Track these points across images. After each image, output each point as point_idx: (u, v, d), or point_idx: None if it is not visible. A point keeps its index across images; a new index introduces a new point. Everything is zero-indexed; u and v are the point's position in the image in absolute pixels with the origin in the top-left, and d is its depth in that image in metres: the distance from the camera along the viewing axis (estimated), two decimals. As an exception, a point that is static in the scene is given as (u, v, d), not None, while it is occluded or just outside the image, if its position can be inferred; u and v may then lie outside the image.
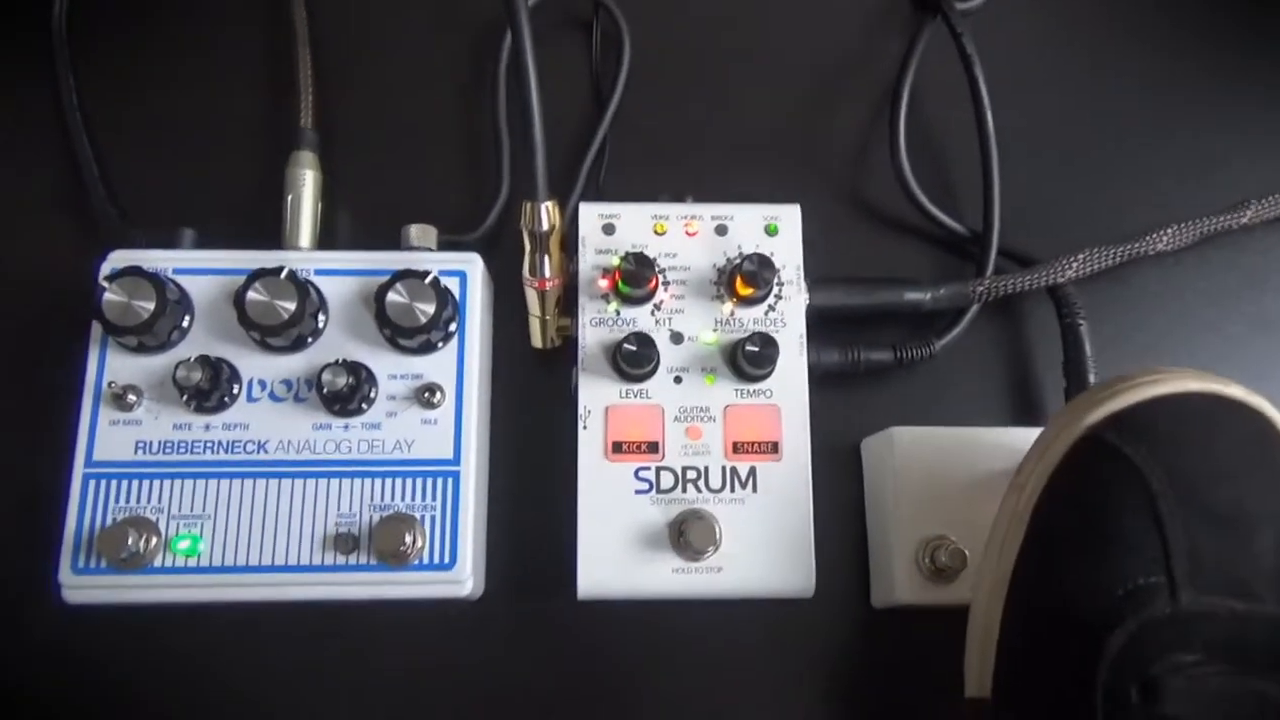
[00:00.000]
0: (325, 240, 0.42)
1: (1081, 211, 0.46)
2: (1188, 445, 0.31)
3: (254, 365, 0.37)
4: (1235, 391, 0.32)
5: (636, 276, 0.37)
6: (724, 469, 0.37)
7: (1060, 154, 0.47)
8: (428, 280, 0.37)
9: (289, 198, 0.41)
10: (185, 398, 0.36)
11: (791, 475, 0.37)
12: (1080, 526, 0.32)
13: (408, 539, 0.35)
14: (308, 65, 0.44)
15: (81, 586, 0.35)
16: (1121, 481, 0.31)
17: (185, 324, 0.38)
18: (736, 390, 0.38)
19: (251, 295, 0.36)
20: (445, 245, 0.41)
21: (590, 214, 0.40)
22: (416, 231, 0.40)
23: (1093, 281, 0.43)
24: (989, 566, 0.34)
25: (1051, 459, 0.33)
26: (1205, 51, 0.49)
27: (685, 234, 0.39)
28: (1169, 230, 0.43)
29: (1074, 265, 0.42)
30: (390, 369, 0.38)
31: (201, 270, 0.38)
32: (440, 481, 0.37)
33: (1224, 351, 0.45)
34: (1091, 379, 0.41)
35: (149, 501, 0.36)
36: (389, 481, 0.37)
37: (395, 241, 0.40)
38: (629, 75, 0.46)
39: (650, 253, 0.39)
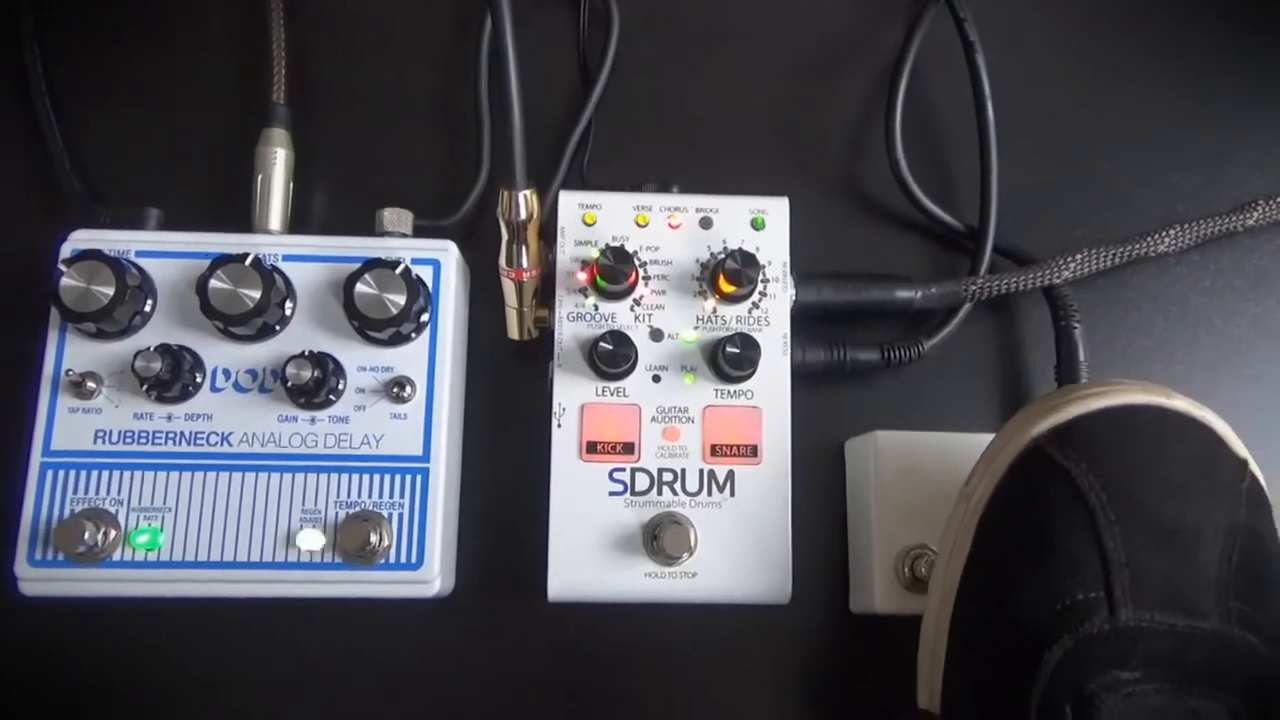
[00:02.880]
0: (297, 222, 0.41)
1: (1082, 208, 0.44)
2: (1129, 459, 0.31)
3: (218, 354, 0.36)
4: (1180, 404, 0.32)
5: (614, 272, 0.36)
6: (701, 472, 0.36)
7: (1062, 148, 0.45)
8: (398, 270, 0.35)
9: (259, 177, 0.40)
10: (145, 388, 0.35)
11: (771, 480, 0.36)
12: (1021, 540, 0.31)
13: (373, 538, 0.34)
14: (281, 36, 0.42)
15: (38, 579, 0.34)
16: (1061, 496, 0.31)
17: (147, 309, 0.36)
18: (716, 390, 0.37)
19: (214, 283, 0.35)
20: (421, 230, 0.39)
21: (570, 203, 0.38)
22: (391, 216, 0.39)
23: (1092, 280, 0.42)
24: (938, 576, 0.33)
25: (997, 470, 0.32)
26: (1215, 47, 0.47)
27: (668, 226, 0.38)
28: (1172, 231, 0.41)
29: (1071, 266, 0.40)
30: (359, 361, 0.36)
31: (165, 253, 0.37)
32: (409, 478, 0.36)
33: (1226, 354, 0.44)
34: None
35: (108, 493, 0.35)
36: (356, 477, 0.36)
37: (370, 224, 0.39)
38: (616, 55, 0.44)
39: (631, 245, 0.38)
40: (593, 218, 0.38)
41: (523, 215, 0.35)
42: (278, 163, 0.40)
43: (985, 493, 0.33)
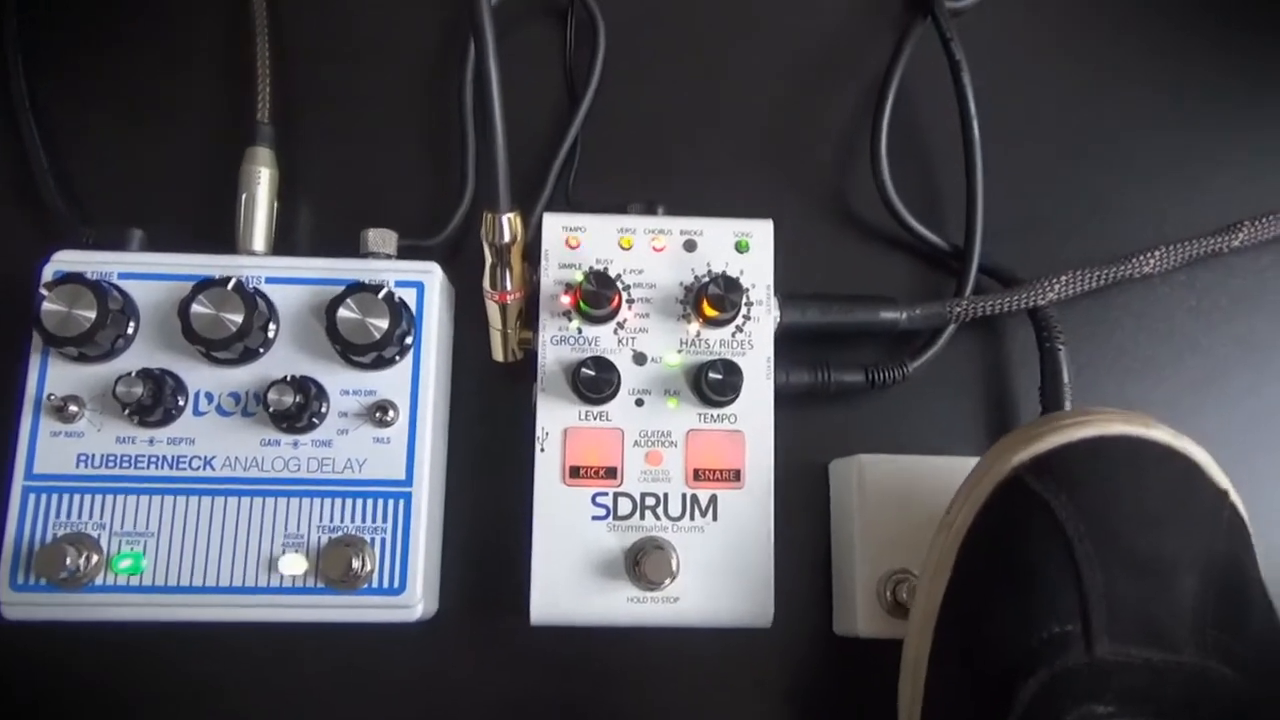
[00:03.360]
0: (282, 241, 0.41)
1: (1069, 227, 0.44)
2: (1108, 490, 0.31)
3: (201, 377, 0.36)
4: (1159, 435, 0.32)
5: (597, 297, 0.36)
6: (684, 496, 0.36)
7: (1050, 167, 0.45)
8: (381, 295, 0.35)
9: (243, 196, 0.40)
10: (128, 412, 0.35)
11: (753, 504, 0.36)
12: (1000, 571, 0.31)
13: (355, 563, 0.34)
14: (265, 54, 0.42)
15: (20, 604, 0.34)
16: (1040, 527, 0.31)
17: (130, 331, 0.36)
18: (700, 415, 0.37)
19: (196, 308, 0.35)
20: (406, 250, 0.39)
21: (554, 225, 0.38)
22: (375, 236, 0.39)
23: (1077, 300, 0.42)
24: (919, 603, 0.34)
25: (978, 498, 0.32)
26: (1203, 68, 0.47)
27: (652, 249, 0.38)
28: (1157, 252, 0.41)
29: (1056, 287, 0.40)
30: (343, 384, 0.36)
31: (148, 275, 0.37)
32: (391, 503, 0.36)
33: (1211, 374, 0.44)
34: (1068, 405, 0.40)
35: (91, 517, 0.35)
36: (339, 502, 0.36)
37: (355, 243, 0.39)
38: (603, 73, 0.43)
39: (615, 268, 0.38)
40: (576, 240, 0.38)
41: (506, 238, 0.35)
42: (262, 182, 0.40)
43: (965, 521, 0.33)
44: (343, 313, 0.35)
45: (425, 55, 0.45)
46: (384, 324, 0.35)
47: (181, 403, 0.36)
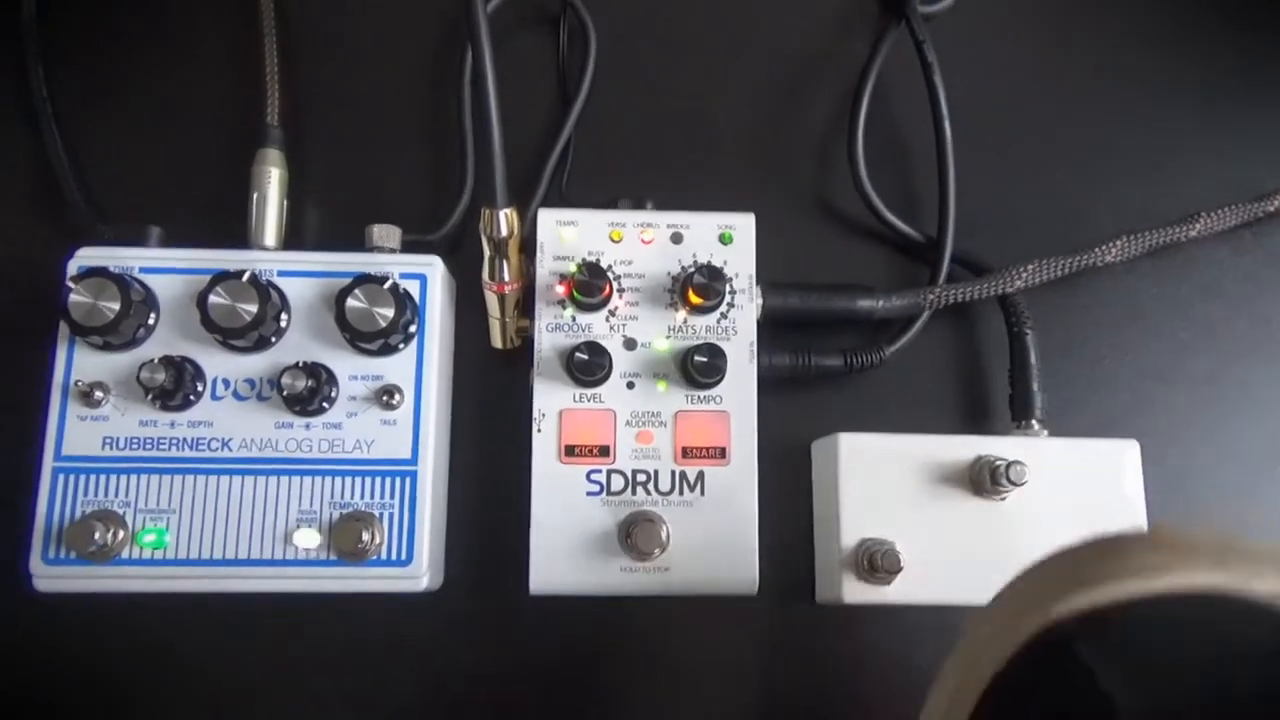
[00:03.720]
0: (292, 236, 0.43)
1: (1040, 217, 0.47)
2: (1183, 676, 0.23)
3: (218, 364, 0.38)
4: (1263, 588, 0.23)
5: (589, 286, 0.38)
6: (673, 473, 0.39)
7: (1021, 161, 0.47)
8: (386, 286, 0.38)
9: (254, 196, 0.42)
10: (150, 397, 0.37)
11: (738, 480, 0.39)
12: None
13: (365, 536, 0.37)
14: (274, 60, 0.44)
15: (52, 576, 0.37)
16: (1083, 713, 0.24)
17: (151, 322, 0.38)
18: (687, 396, 0.39)
19: (213, 299, 0.37)
20: (409, 245, 0.42)
21: (549, 220, 0.40)
22: (379, 231, 0.41)
23: (1045, 288, 0.44)
24: (937, 710, 0.27)
25: (1005, 643, 0.25)
26: (1165, 66, 0.49)
27: (640, 241, 0.40)
28: (1118, 242, 0.44)
29: (1023, 275, 0.43)
30: (351, 370, 0.39)
31: (167, 270, 0.39)
32: (398, 481, 0.38)
33: (1175, 358, 0.46)
34: (1035, 388, 0.42)
35: (117, 496, 0.37)
36: (349, 480, 0.38)
37: (361, 238, 0.41)
38: (594, 77, 0.46)
39: (606, 260, 0.40)
40: (569, 235, 0.40)
41: (503, 233, 0.37)
42: (272, 181, 0.42)
43: (988, 667, 0.25)
44: (351, 303, 0.38)
45: (426, 62, 0.47)
46: (390, 313, 0.38)
47: (200, 388, 0.38)
